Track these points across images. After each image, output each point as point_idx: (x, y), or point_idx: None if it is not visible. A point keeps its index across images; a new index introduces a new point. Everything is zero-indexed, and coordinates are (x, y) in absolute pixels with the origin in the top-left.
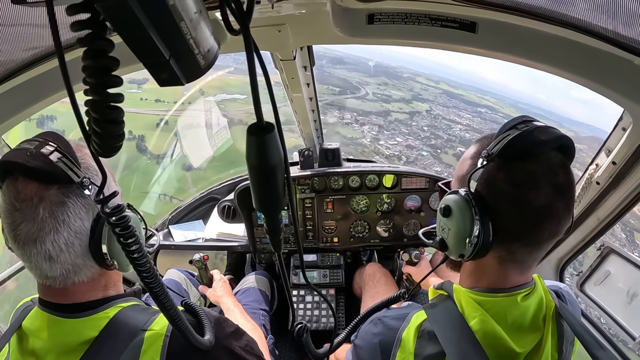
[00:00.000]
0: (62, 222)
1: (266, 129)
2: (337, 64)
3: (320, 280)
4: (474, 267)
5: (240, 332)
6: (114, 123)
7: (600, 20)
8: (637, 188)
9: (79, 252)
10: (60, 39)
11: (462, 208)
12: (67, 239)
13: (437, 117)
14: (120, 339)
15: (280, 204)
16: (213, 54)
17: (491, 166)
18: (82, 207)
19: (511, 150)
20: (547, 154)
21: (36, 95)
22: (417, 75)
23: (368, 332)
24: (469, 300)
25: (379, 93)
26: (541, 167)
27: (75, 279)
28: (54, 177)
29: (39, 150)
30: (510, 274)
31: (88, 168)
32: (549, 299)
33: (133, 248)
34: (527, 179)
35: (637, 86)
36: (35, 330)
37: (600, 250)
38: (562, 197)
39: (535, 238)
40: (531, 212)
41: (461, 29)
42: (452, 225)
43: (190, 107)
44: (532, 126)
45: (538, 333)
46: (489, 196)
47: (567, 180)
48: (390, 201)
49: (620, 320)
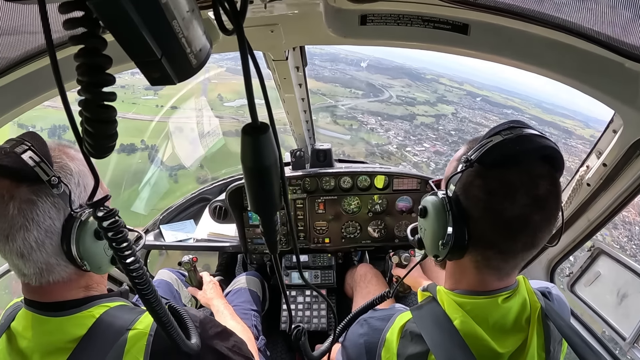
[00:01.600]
0: (32, 220)
1: (261, 129)
2: (358, 67)
3: (312, 281)
4: (454, 268)
5: (228, 333)
6: (107, 122)
7: (591, 23)
8: (627, 190)
9: (50, 252)
10: (52, 37)
11: (437, 210)
12: (37, 237)
13: (463, 120)
14: (107, 339)
15: (276, 205)
16: (205, 54)
17: (469, 171)
18: (52, 206)
19: (490, 158)
20: (529, 164)
21: (26, 94)
22: (440, 76)
23: (354, 333)
24: (450, 301)
25: (402, 96)
26: (520, 177)
27: (49, 278)
28: (24, 175)
29: (13, 149)
30: (488, 279)
31: (62, 168)
32: (534, 300)
33: (126, 253)
34: (503, 189)
35: (627, 89)
36: (22, 329)
37: (590, 251)
38: (540, 209)
39: (509, 247)
40: (504, 222)
41: (453, 30)
42: (428, 226)
43: (207, 113)
44: (517, 133)
45: (522, 334)
46: (465, 201)
47: (550, 192)
48: (381, 202)
49: (610, 320)
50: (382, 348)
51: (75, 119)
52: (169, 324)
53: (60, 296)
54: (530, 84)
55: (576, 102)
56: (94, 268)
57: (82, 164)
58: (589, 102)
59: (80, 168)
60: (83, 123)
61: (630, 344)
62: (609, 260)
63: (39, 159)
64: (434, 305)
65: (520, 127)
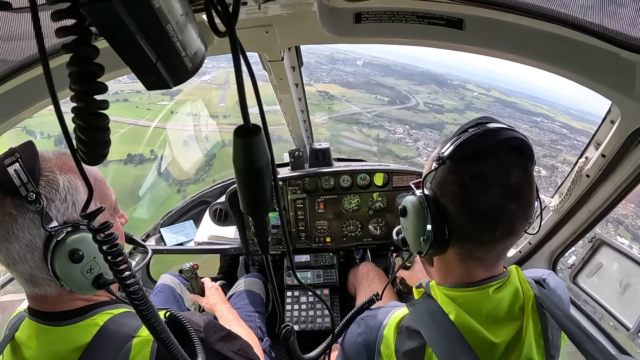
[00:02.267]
0: (12, 234)
1: (253, 131)
2: (384, 72)
3: (314, 281)
4: (440, 263)
5: (233, 336)
6: (100, 130)
7: (586, 14)
8: (627, 180)
9: (33, 265)
10: (44, 46)
11: (416, 209)
12: (19, 250)
13: None
14: (112, 347)
15: (267, 207)
16: (200, 57)
17: (443, 169)
18: (31, 222)
19: (460, 154)
20: (498, 156)
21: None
22: (466, 82)
23: (352, 333)
24: (443, 296)
25: (430, 103)
26: (491, 169)
27: (35, 290)
28: (6, 188)
29: (3, 159)
30: (473, 270)
31: (49, 182)
32: (527, 289)
33: (122, 267)
34: (475, 182)
35: (624, 79)
36: (26, 339)
37: (591, 242)
38: (514, 198)
39: (489, 238)
40: (479, 214)
41: (448, 26)
42: (408, 225)
43: (226, 121)
44: (484, 128)
45: (516, 323)
46: (442, 197)
47: (522, 180)
48: (381, 200)
49: (613, 311)
50: (380, 345)
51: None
52: (170, 344)
53: (63, 306)
54: (556, 89)
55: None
56: (74, 288)
57: (79, 177)
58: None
59: (73, 182)
60: (76, 131)
61: (634, 334)
62: (611, 250)
63: (24, 174)
64: (430, 300)
65: (487, 122)
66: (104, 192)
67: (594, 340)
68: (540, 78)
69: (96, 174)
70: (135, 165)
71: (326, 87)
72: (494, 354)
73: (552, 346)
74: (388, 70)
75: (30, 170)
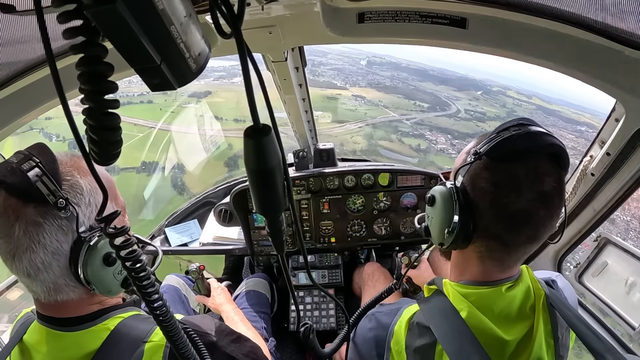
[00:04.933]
0: (38, 243)
1: (263, 131)
2: (422, 77)
3: (319, 281)
4: (458, 259)
5: (243, 339)
6: (111, 130)
7: (590, 13)
8: (632, 178)
9: (58, 273)
10: (51, 47)
11: (444, 199)
12: (44, 259)
13: None
14: (122, 351)
15: (281, 206)
16: (204, 58)
17: (478, 164)
18: (59, 228)
19: (498, 152)
20: (536, 160)
21: (28, 105)
22: (506, 88)
23: (363, 328)
24: (455, 293)
25: (471, 110)
26: (526, 172)
27: (57, 297)
28: (30, 196)
29: (20, 165)
30: (490, 270)
31: (72, 186)
32: (538, 288)
33: (141, 275)
34: (509, 182)
35: (628, 77)
36: (35, 343)
37: (597, 241)
38: (544, 205)
39: (512, 240)
40: (508, 215)
41: (452, 25)
42: (435, 214)
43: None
44: (525, 130)
45: (528, 321)
46: (472, 192)
47: (554, 189)
48: (386, 199)
49: (619, 310)
50: (391, 340)
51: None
52: (184, 349)
53: (74, 312)
54: (594, 97)
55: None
56: (103, 292)
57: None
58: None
59: (93, 185)
60: (87, 131)
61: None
62: (616, 249)
63: (47, 179)
64: (441, 297)
65: (529, 124)
66: (115, 194)
67: (603, 340)
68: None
69: (107, 175)
70: (148, 174)
71: (362, 91)
72: (505, 352)
73: (561, 346)
74: (425, 74)
75: (53, 174)
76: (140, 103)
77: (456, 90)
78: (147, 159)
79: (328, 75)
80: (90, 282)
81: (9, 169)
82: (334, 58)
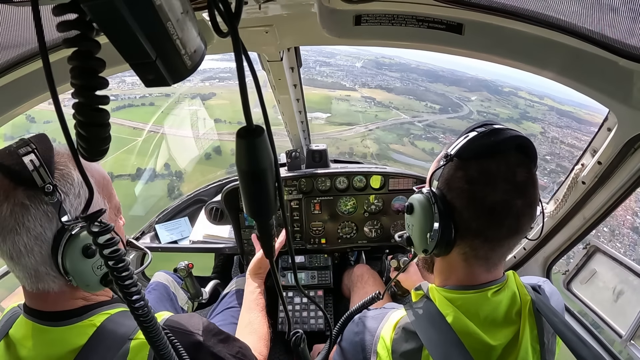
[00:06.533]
0: (22, 225)
1: (255, 132)
2: (432, 78)
3: (309, 282)
4: (443, 265)
5: (232, 339)
6: (100, 126)
7: (586, 22)
8: (622, 187)
9: (39, 260)
10: (45, 40)
11: (423, 205)
12: (27, 243)
13: (554, 140)
14: (108, 348)
15: (271, 209)
16: (200, 55)
17: (450, 166)
18: (44, 214)
19: (468, 151)
20: (505, 154)
21: (19, 97)
22: (518, 89)
23: (350, 332)
24: (441, 298)
25: (483, 111)
26: (497, 166)
27: (39, 285)
28: (21, 178)
29: (17, 149)
30: (476, 271)
31: (64, 176)
32: (524, 293)
33: (124, 274)
34: (482, 177)
35: (621, 87)
36: (21, 338)
37: (586, 249)
38: (520, 195)
39: (494, 234)
40: (487, 208)
41: (448, 30)
42: (415, 222)
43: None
44: (490, 128)
45: (513, 326)
46: (449, 194)
47: (527, 178)
48: (377, 202)
49: (606, 317)
50: (377, 345)
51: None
52: (164, 351)
53: (60, 306)
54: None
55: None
56: (81, 285)
57: (93, 174)
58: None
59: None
60: (76, 126)
61: (626, 341)
62: (605, 257)
63: (39, 164)
64: (427, 302)
65: (493, 123)
66: (110, 192)
67: (589, 346)
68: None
69: (104, 172)
70: (147, 182)
71: (372, 92)
72: (491, 356)
73: (547, 351)
74: (436, 76)
75: (47, 161)
76: (142, 105)
77: (467, 92)
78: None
79: (336, 76)
80: (68, 273)
81: (7, 152)
82: (342, 59)
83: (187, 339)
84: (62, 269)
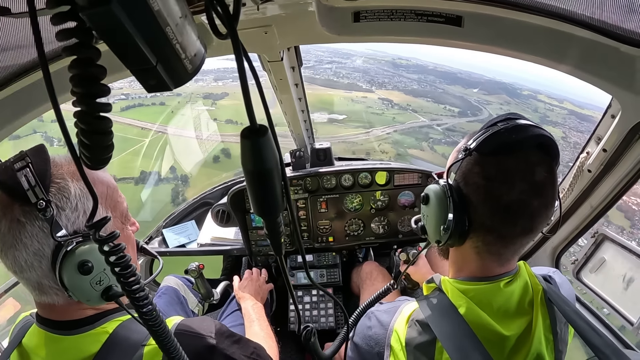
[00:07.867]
0: (20, 241)
1: (259, 131)
2: (450, 80)
3: (318, 280)
4: (456, 255)
5: (245, 340)
6: (103, 134)
7: (586, 9)
8: (629, 174)
9: (41, 274)
10: (44, 50)
11: (438, 197)
12: (26, 258)
13: (576, 146)
14: (122, 354)
15: (279, 207)
16: (200, 59)
17: (469, 160)
18: (40, 230)
19: (488, 146)
20: (525, 152)
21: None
22: (537, 92)
23: (363, 326)
24: (454, 289)
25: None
26: (517, 164)
27: (44, 298)
28: (15, 194)
29: (13, 164)
30: (489, 265)
31: (60, 190)
32: (535, 283)
33: (130, 280)
34: (500, 174)
35: (624, 73)
36: (34, 347)
37: (594, 237)
38: (537, 195)
39: (508, 232)
40: (502, 207)
41: (447, 23)
42: (430, 213)
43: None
44: (513, 124)
45: (526, 316)
46: (465, 188)
47: (546, 178)
48: (383, 198)
49: (617, 306)
50: (390, 338)
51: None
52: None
53: (70, 315)
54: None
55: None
56: (82, 300)
57: (95, 184)
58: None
59: (85, 190)
60: (78, 135)
61: (638, 328)
62: (614, 245)
63: (33, 180)
64: (440, 294)
65: (516, 118)
66: (115, 200)
67: (601, 334)
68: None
69: (108, 181)
70: (153, 186)
71: (389, 94)
72: (505, 347)
73: (560, 341)
74: (454, 78)
75: (41, 176)
76: (152, 105)
77: (486, 94)
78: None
79: (352, 77)
80: (67, 289)
81: (3, 167)
82: (359, 60)
83: (200, 343)
84: (61, 285)
